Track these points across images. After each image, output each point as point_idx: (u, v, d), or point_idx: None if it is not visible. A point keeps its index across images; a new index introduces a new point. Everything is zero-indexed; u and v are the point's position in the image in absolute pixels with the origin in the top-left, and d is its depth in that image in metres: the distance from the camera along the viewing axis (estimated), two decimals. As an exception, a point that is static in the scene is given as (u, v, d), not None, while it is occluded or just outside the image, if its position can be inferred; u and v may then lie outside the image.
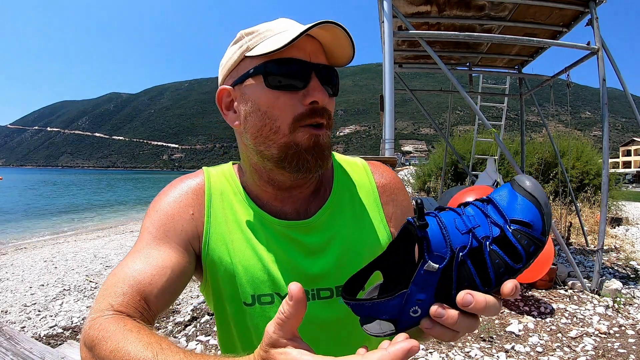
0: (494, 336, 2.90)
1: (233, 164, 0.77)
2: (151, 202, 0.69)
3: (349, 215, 0.70)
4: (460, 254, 0.38)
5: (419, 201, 0.40)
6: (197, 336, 2.95)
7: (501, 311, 3.36)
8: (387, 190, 0.76)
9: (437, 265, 0.38)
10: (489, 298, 0.38)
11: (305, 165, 0.61)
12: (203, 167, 0.75)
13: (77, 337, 3.17)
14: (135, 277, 0.55)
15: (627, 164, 59.60)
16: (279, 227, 0.67)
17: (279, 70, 0.60)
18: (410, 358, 0.40)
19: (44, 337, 3.15)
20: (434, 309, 0.38)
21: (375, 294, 0.47)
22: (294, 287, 0.36)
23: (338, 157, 0.80)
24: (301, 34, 0.56)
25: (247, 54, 0.61)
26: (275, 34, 0.61)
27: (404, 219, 0.43)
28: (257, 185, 0.69)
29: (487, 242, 0.39)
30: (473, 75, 6.03)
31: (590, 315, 3.24)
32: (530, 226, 0.40)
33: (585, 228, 6.30)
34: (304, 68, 0.60)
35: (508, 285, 0.38)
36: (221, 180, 0.72)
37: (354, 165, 0.78)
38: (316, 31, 0.58)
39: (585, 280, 3.85)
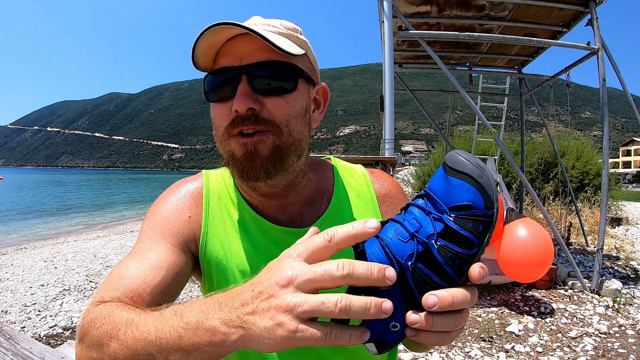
0: (494, 336, 2.90)
1: None
2: (151, 206, 0.70)
3: None
4: (409, 262, 0.38)
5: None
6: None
7: (501, 311, 3.36)
8: (387, 200, 0.75)
9: (390, 282, 0.37)
10: (454, 291, 0.37)
11: (236, 175, 0.61)
12: (202, 170, 0.76)
13: (77, 337, 3.17)
14: (129, 275, 0.56)
15: (627, 164, 59.58)
16: (277, 233, 0.67)
17: (208, 82, 0.62)
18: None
19: (44, 337, 3.15)
20: (408, 317, 0.38)
21: None
22: (372, 223, 0.37)
23: (339, 164, 0.79)
24: (192, 50, 0.58)
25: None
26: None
27: None
28: (245, 192, 0.70)
29: (433, 240, 0.38)
30: (473, 75, 6.03)
31: (590, 315, 3.24)
32: (470, 207, 0.38)
33: (585, 228, 6.30)
34: (231, 74, 0.58)
35: (475, 271, 0.37)
36: (220, 183, 0.72)
37: (354, 174, 0.77)
38: (238, 29, 0.56)
39: (585, 280, 3.85)
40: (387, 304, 0.35)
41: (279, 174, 0.61)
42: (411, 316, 0.38)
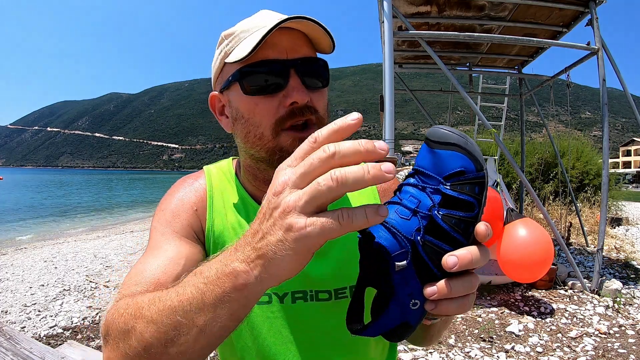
0: (494, 336, 2.90)
1: (233, 159, 0.78)
2: (158, 204, 0.71)
3: None
4: (418, 237, 0.39)
5: None
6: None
7: (501, 311, 3.36)
8: (387, 194, 0.76)
9: (405, 262, 0.38)
10: (470, 248, 0.38)
11: None
12: (204, 167, 0.76)
13: (77, 337, 3.17)
14: (148, 270, 0.56)
15: (627, 164, 59.58)
16: None
17: (253, 75, 0.58)
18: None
19: (44, 337, 3.15)
20: (426, 290, 0.39)
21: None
22: (353, 115, 0.35)
23: None
24: (262, 38, 0.54)
25: (226, 60, 0.60)
26: (249, 35, 0.59)
27: None
28: (252, 186, 0.70)
29: (435, 211, 0.39)
30: (473, 75, 6.03)
31: (590, 315, 3.24)
32: (463, 172, 0.39)
33: (585, 228, 6.30)
34: (280, 67, 0.57)
35: (481, 229, 0.38)
36: (221, 178, 0.73)
37: None
38: (291, 22, 0.56)
39: (585, 280, 3.85)
40: (387, 165, 0.32)
41: None
42: (429, 288, 0.38)
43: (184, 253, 0.59)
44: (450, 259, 0.37)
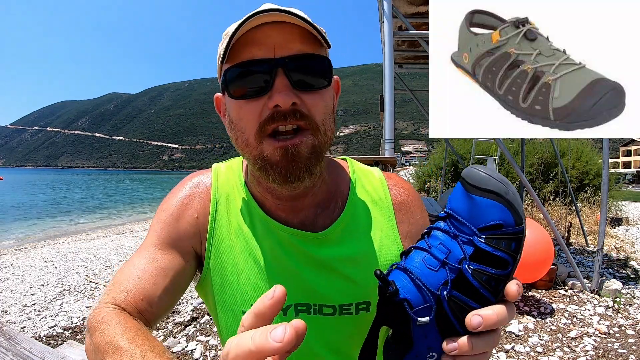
0: (494, 336, 2.90)
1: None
2: (162, 201, 0.69)
3: (362, 233, 0.66)
4: (444, 292, 0.36)
5: (377, 272, 0.38)
6: (197, 336, 2.95)
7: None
8: (403, 207, 0.70)
9: (427, 318, 0.36)
10: (496, 308, 0.35)
11: (276, 180, 0.56)
12: (213, 165, 0.73)
13: (77, 337, 3.17)
14: (140, 276, 0.58)
15: (627, 164, 59.60)
16: (285, 235, 0.64)
17: (236, 77, 0.54)
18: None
19: (44, 337, 3.15)
20: (446, 346, 0.37)
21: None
22: (279, 289, 0.31)
23: (356, 166, 0.75)
24: (232, 37, 0.51)
25: (219, 61, 0.57)
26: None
27: (419, 236, 0.41)
28: (257, 192, 0.67)
29: (466, 265, 0.36)
30: (473, 75, 6.03)
31: (590, 315, 3.24)
32: (501, 226, 0.35)
33: (585, 228, 6.30)
34: (266, 67, 0.52)
35: (512, 289, 0.36)
36: (229, 180, 0.70)
37: (371, 177, 0.73)
38: (282, 15, 0.52)
39: (585, 280, 3.85)
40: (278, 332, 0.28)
41: (316, 174, 0.59)
42: (449, 345, 0.36)
43: (173, 265, 0.61)
44: (475, 320, 0.35)
